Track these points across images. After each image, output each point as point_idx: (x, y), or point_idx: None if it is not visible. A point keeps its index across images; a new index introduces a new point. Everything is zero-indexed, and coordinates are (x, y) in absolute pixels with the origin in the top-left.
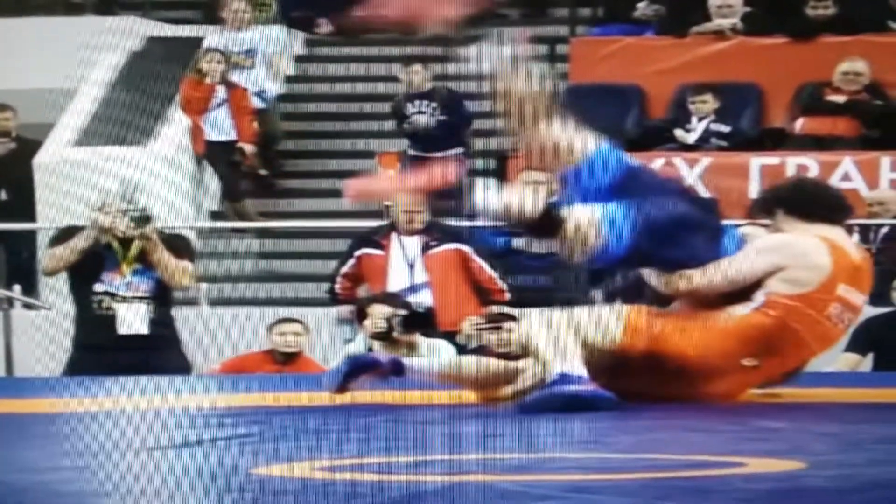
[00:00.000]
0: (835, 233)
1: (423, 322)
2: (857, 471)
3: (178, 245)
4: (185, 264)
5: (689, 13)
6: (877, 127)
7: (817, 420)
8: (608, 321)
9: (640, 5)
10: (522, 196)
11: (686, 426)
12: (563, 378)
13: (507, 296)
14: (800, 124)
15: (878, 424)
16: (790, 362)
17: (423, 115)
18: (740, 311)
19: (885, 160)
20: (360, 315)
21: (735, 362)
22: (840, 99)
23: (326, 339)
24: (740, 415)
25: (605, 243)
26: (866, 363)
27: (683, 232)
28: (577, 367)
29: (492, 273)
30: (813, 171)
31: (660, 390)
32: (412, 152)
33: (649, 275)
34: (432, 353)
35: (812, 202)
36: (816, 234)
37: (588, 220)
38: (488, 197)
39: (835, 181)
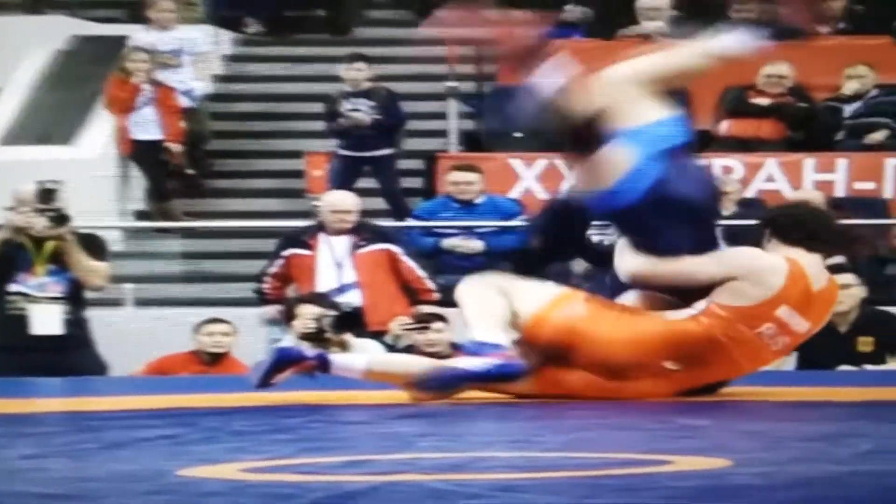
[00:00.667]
0: (807, 259)
1: (352, 322)
2: (782, 468)
3: (92, 245)
4: (100, 264)
5: (617, 16)
6: (800, 129)
7: (741, 418)
8: (535, 298)
9: (568, 8)
10: (582, 95)
11: (614, 425)
12: (480, 346)
13: (436, 295)
14: (725, 126)
15: (801, 423)
16: (714, 373)
17: (360, 113)
18: (678, 314)
19: (808, 161)
20: (289, 315)
21: (656, 364)
22: (764, 102)
23: (254, 339)
24: (666, 413)
25: (622, 186)
26: (790, 362)
27: (691, 220)
28: (497, 335)
29: (420, 273)
30: (737, 173)
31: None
32: (342, 152)
33: (621, 251)
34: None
35: (792, 227)
36: (787, 255)
37: (623, 155)
38: (552, 76)
39: (759, 183)
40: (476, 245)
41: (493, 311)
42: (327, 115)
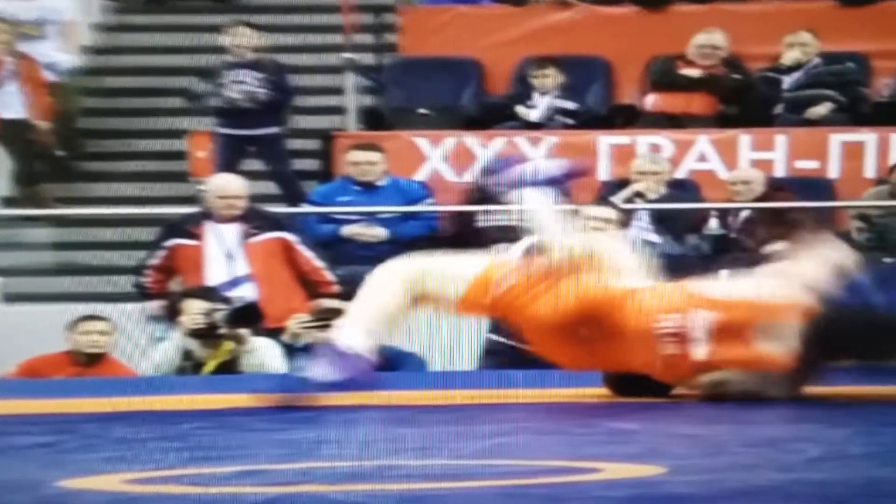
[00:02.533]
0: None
1: (248, 317)
2: (721, 476)
3: None
4: None
5: None
6: (735, 103)
7: (677, 421)
8: (462, 271)
9: None
10: None
11: (536, 429)
12: (335, 353)
13: (336, 288)
14: (651, 100)
15: (744, 426)
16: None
17: (246, 87)
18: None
19: (744, 138)
20: (173, 311)
21: (574, 331)
22: (695, 73)
23: (134, 338)
24: (594, 416)
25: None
26: None
27: None
28: (361, 340)
29: (319, 263)
30: (666, 151)
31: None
32: (224, 131)
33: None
34: (258, 353)
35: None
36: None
37: None
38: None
39: (690, 162)
40: (379, 232)
41: (380, 308)
42: (192, 91)
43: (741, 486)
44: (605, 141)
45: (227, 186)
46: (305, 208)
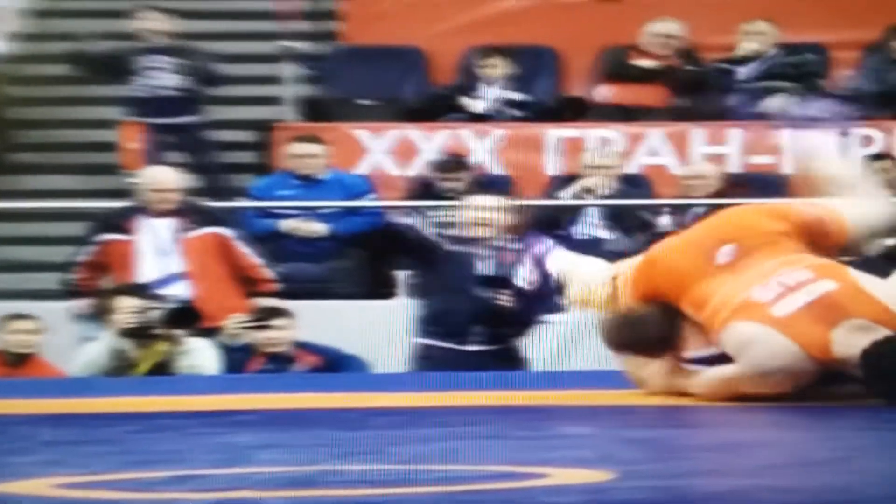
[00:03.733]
0: None
1: (186, 318)
2: (674, 482)
3: None
4: None
5: None
6: (689, 95)
7: (627, 425)
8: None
9: None
10: None
11: (481, 433)
12: None
13: (275, 286)
14: (603, 92)
15: (700, 430)
16: None
17: (160, 74)
18: None
19: (697, 132)
20: (104, 309)
21: None
22: (648, 64)
23: (63, 337)
24: (542, 420)
25: None
26: None
27: None
28: None
29: (257, 260)
30: (618, 145)
31: None
32: (143, 120)
33: None
34: (194, 354)
35: None
36: None
37: None
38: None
39: (641, 156)
40: (318, 228)
41: None
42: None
43: (693, 491)
44: (554, 134)
45: (160, 179)
46: (243, 202)
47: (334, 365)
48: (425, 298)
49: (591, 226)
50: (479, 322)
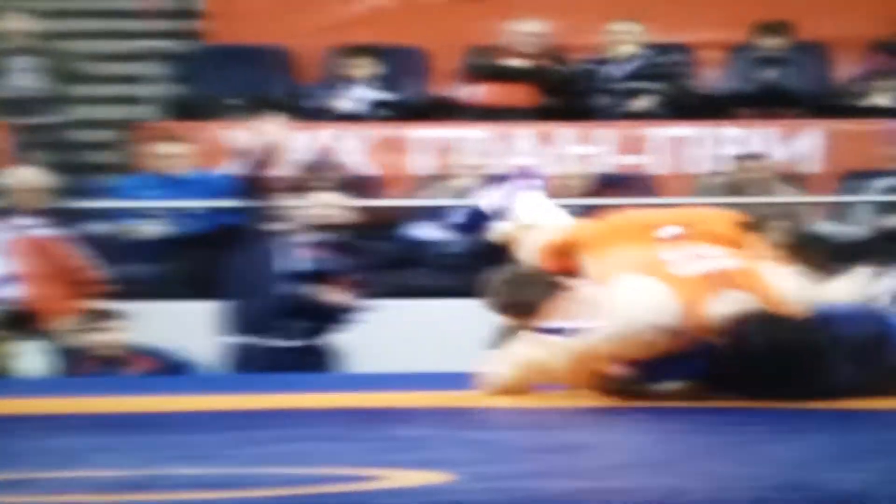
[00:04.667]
0: None
1: (21, 320)
2: (514, 483)
3: None
4: None
5: None
6: (556, 95)
7: (469, 427)
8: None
9: None
10: None
11: (317, 435)
12: None
13: (108, 288)
14: (470, 92)
15: (540, 431)
16: None
17: (26, 74)
18: None
19: (564, 133)
20: None
21: None
22: (515, 63)
23: None
24: (380, 422)
25: None
26: None
27: None
28: None
29: (88, 262)
30: (485, 145)
31: None
32: (8, 119)
33: None
34: (23, 356)
35: None
36: None
37: None
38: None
39: (509, 156)
40: (154, 230)
41: None
42: None
43: (533, 493)
44: (421, 134)
45: (23, 179)
46: (105, 202)
47: (169, 368)
48: (245, 296)
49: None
50: (298, 317)
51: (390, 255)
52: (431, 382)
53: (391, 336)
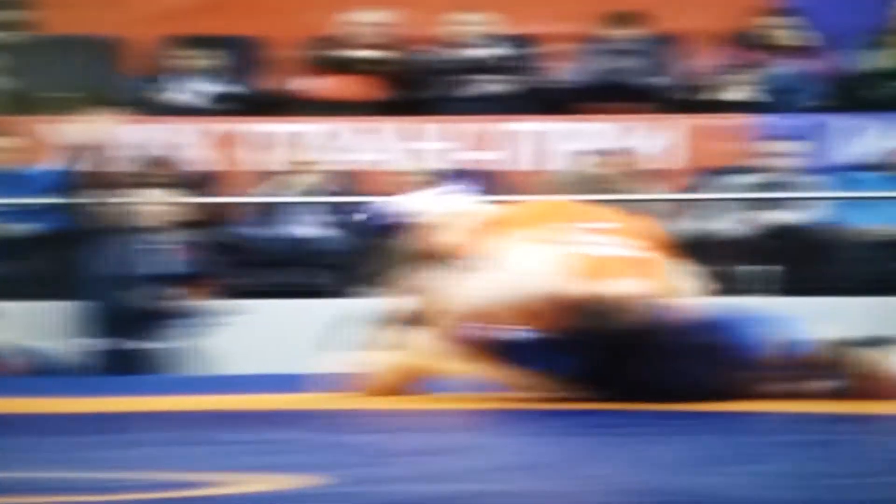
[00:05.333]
0: None
1: None
2: (388, 487)
3: None
4: None
5: None
6: (395, 88)
7: (338, 429)
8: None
9: None
10: None
11: (181, 439)
12: None
13: None
14: (304, 85)
15: (416, 433)
16: None
17: None
18: None
19: (406, 127)
20: None
21: None
22: (353, 55)
23: None
24: (247, 424)
25: None
26: None
27: None
28: None
29: None
30: (319, 139)
31: None
32: None
33: None
34: None
35: None
36: None
37: None
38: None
39: (344, 153)
40: None
41: None
42: None
43: (408, 496)
44: (255, 129)
45: None
46: None
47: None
48: (95, 297)
49: (303, 225)
50: (153, 320)
51: (263, 253)
52: (301, 384)
53: (263, 337)
